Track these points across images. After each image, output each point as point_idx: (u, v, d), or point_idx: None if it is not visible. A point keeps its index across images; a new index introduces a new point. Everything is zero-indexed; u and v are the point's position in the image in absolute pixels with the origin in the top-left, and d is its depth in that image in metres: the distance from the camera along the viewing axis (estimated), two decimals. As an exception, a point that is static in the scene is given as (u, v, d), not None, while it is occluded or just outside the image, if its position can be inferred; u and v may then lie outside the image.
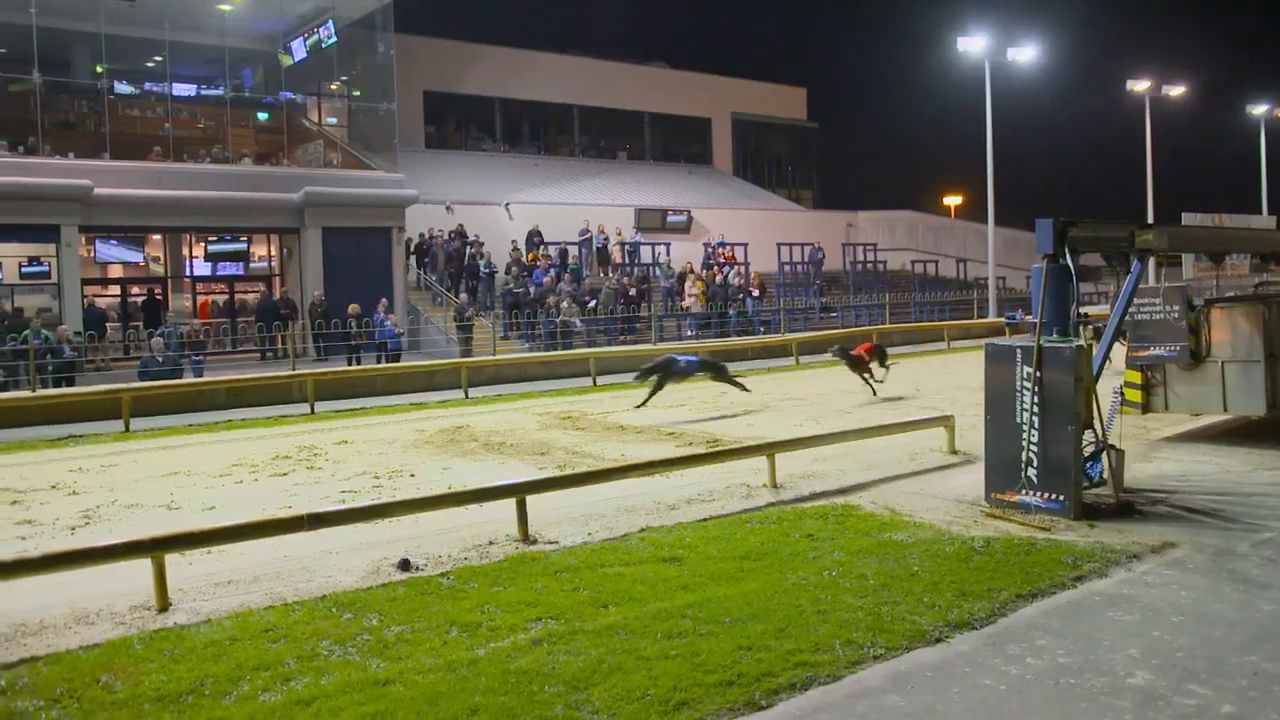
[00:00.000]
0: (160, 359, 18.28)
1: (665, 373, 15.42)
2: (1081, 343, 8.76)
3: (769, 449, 10.00)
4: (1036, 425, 8.64)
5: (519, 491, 8.26)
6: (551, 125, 41.76)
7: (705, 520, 8.65)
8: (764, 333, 26.98)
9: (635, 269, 30.22)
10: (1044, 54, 33.14)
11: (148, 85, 27.94)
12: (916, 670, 5.54)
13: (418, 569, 7.36)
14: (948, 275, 37.28)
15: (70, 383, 17.40)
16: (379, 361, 21.12)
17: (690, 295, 28.26)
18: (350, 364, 20.64)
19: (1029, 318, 17.94)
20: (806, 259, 34.04)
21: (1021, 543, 7.80)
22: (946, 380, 17.27)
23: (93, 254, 23.56)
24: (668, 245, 32.39)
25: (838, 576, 6.96)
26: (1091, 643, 5.89)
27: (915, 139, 57.85)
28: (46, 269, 21.80)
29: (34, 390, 16.01)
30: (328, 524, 7.53)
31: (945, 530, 8.20)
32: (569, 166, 39.18)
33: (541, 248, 29.24)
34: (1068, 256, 8.92)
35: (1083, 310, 9.22)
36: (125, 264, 24.82)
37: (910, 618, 6.19)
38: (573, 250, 29.94)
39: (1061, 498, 8.55)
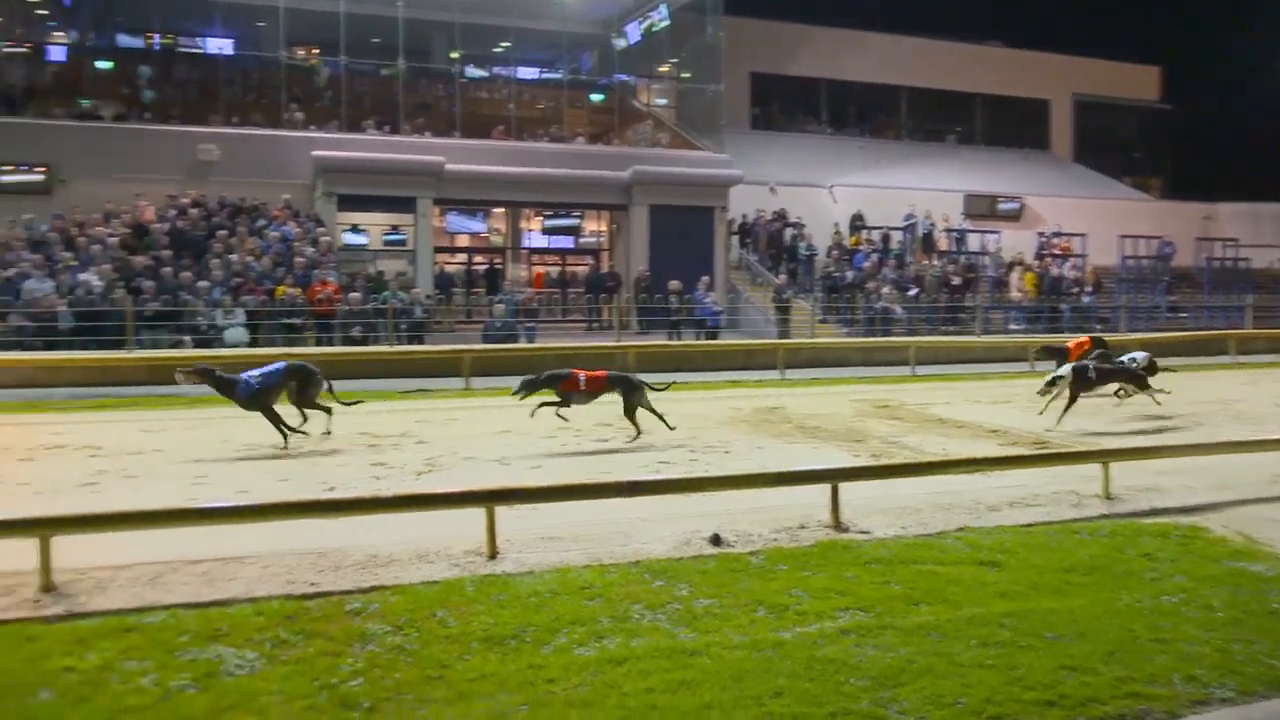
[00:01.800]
0: (499, 324, 19.68)
1: (222, 386, 10.98)
2: None
3: (1103, 456, 9.26)
4: None
5: (833, 478, 8.14)
6: (878, 107, 40.76)
7: (1028, 526, 8.14)
8: (1100, 330, 25.09)
9: (962, 257, 29.02)
10: None
11: (495, 69, 30.06)
12: (1273, 721, 4.94)
13: (728, 545, 7.44)
14: (1328, 278, 33.04)
15: (420, 341, 19.11)
16: (698, 338, 21.60)
17: (1018, 287, 26.77)
18: (670, 338, 21.25)
19: None
20: (1153, 253, 31.29)
21: None
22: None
23: (443, 224, 25.63)
24: (997, 233, 30.83)
25: (1179, 604, 6.33)
26: None
27: (1290, 122, 51.46)
28: (404, 237, 23.94)
29: (390, 346, 17.75)
30: (645, 492, 7.78)
31: (1314, 566, 7.25)
32: (895, 149, 38.12)
33: (864, 232, 28.72)
34: None
35: None
36: (471, 234, 26.82)
37: (1268, 661, 5.51)
38: (896, 235, 29.16)
39: None
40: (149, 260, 19.28)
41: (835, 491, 8.02)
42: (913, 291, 25.13)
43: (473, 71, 29.67)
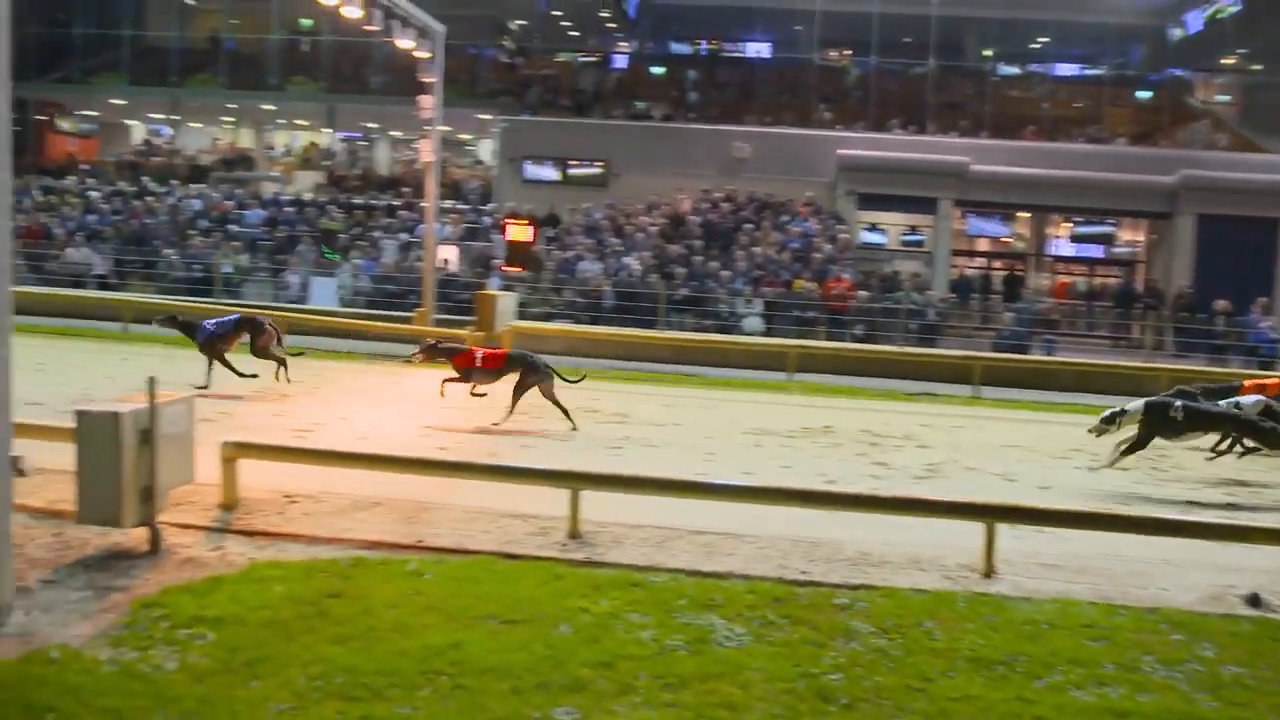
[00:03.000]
0: (1008, 333, 18.85)
1: (187, 328, 12.31)
2: None
3: None
4: None
5: None
6: None
7: None
8: None
9: None
10: None
11: (1029, 66, 28.68)
12: None
13: (1270, 608, 6.43)
14: None
15: (930, 344, 18.73)
16: (1247, 367, 18.98)
17: None
18: (1212, 365, 18.89)
19: None
20: None
21: None
22: None
23: (963, 227, 24.97)
24: None
25: None
26: None
27: None
28: (922, 238, 23.71)
29: (900, 347, 17.67)
30: (1172, 533, 6.97)
31: None
32: None
33: None
34: None
35: None
36: (991, 238, 25.90)
37: None
38: None
39: None
40: (682, 249, 20.94)
41: None
42: None
43: (1005, 69, 28.61)
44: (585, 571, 6.51)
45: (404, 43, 15.49)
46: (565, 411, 10.91)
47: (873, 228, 23.74)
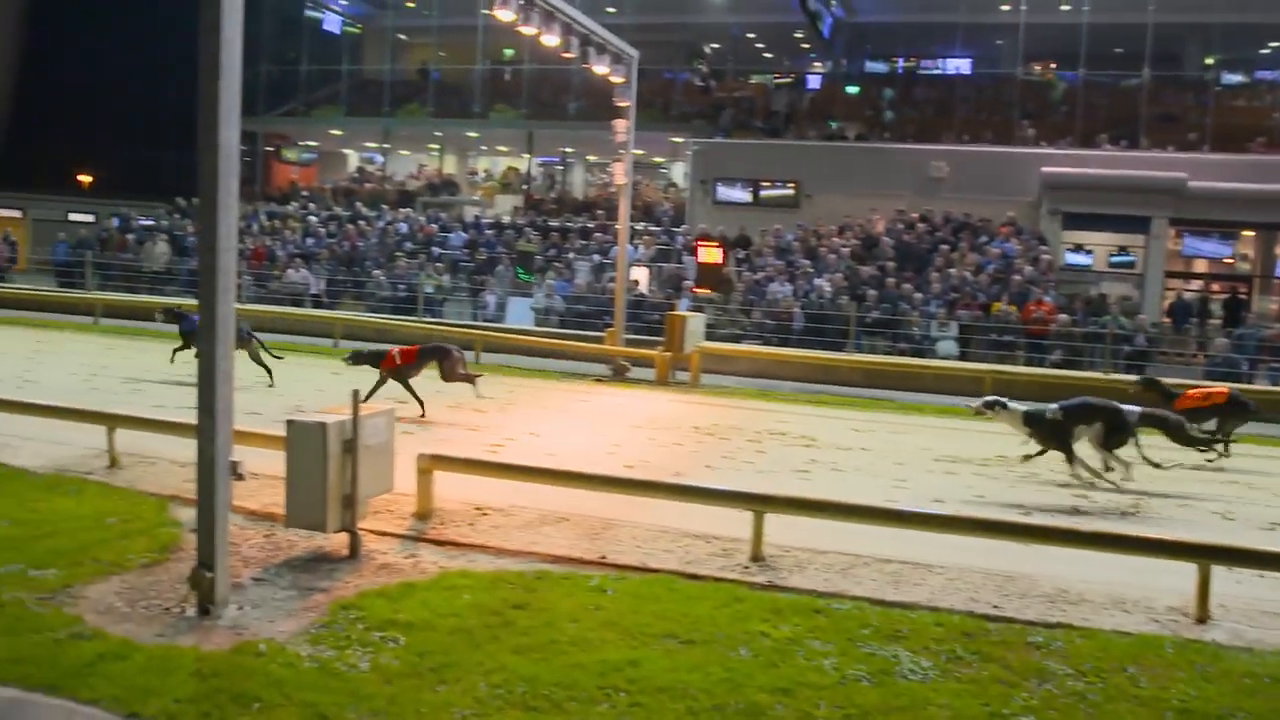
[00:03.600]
0: (1219, 358, 17.65)
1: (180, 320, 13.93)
2: None
3: None
4: None
5: None
6: None
7: None
8: None
9: None
10: None
11: (1258, 73, 26.68)
12: None
13: None
14: None
15: (1140, 371, 17.47)
16: None
17: None
18: None
19: None
20: None
21: None
22: None
23: (1179, 247, 23.47)
24: None
25: None
26: None
27: None
28: (1132, 259, 22.45)
29: (1105, 373, 16.71)
30: None
31: None
32: None
33: None
34: None
35: None
36: (1210, 259, 24.21)
37: None
38: None
39: None
40: (874, 270, 20.54)
41: None
42: None
43: (1229, 77, 26.68)
44: (766, 595, 6.43)
45: (599, 69, 15.85)
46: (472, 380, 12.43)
47: (1078, 248, 22.69)
